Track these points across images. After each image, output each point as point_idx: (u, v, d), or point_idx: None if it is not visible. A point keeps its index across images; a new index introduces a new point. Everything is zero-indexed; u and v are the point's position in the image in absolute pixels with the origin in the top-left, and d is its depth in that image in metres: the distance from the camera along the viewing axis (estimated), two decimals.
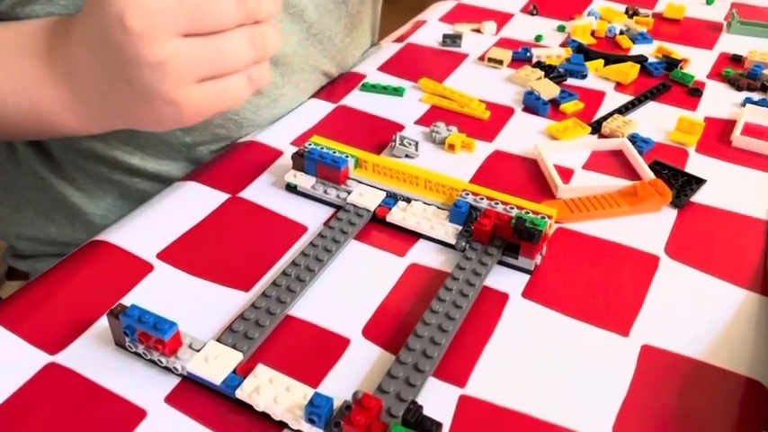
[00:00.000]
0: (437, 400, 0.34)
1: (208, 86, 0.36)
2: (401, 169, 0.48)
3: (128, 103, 0.37)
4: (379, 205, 0.46)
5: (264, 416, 0.33)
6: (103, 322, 0.37)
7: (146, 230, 0.45)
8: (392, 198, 0.47)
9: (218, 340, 0.36)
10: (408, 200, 0.47)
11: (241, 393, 0.33)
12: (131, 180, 0.55)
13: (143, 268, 0.42)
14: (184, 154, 0.55)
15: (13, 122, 0.42)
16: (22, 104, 0.40)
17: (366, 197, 0.47)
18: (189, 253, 0.43)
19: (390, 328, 0.38)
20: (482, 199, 0.44)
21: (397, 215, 0.45)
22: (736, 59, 0.68)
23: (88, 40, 0.36)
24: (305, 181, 0.48)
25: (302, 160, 0.48)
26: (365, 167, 0.49)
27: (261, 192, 0.49)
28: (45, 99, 0.40)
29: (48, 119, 0.41)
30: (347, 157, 0.48)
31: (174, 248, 0.44)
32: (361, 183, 0.48)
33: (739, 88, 0.62)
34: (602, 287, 0.41)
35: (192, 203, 0.48)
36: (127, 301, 0.39)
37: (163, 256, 0.43)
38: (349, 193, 0.47)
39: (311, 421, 0.32)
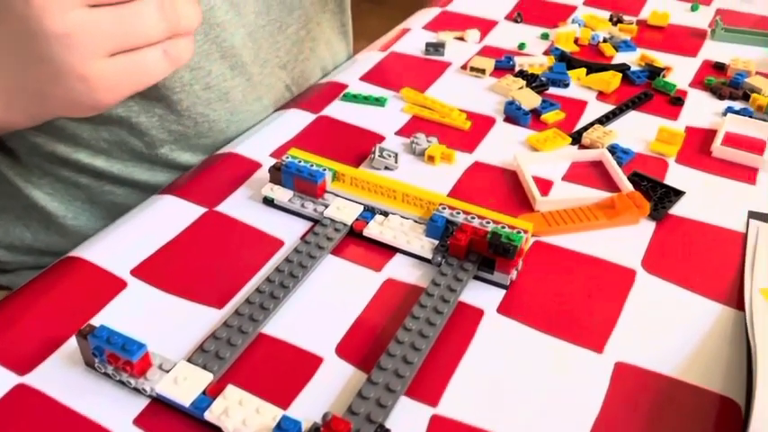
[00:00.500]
0: (408, 420, 0.34)
1: (120, 60, 0.35)
2: (379, 183, 0.47)
3: (43, 85, 0.36)
4: (357, 219, 0.46)
5: None
6: (74, 342, 0.37)
7: (120, 246, 0.45)
8: (370, 212, 0.47)
9: (189, 360, 0.35)
10: (386, 213, 0.47)
11: (210, 415, 0.33)
12: (99, 184, 0.55)
13: (116, 285, 0.42)
14: (147, 155, 0.54)
15: None
16: None
17: (343, 211, 0.46)
18: (163, 269, 0.43)
19: (364, 345, 0.38)
20: (458, 213, 0.44)
21: (374, 229, 0.45)
22: (719, 67, 0.68)
23: None
24: (282, 194, 0.48)
25: (279, 174, 0.48)
26: (343, 181, 0.49)
27: (238, 205, 0.49)
28: None
29: None
30: (324, 170, 0.48)
31: (149, 264, 0.43)
32: (338, 196, 0.48)
33: (721, 97, 0.62)
34: (577, 302, 0.41)
35: (168, 218, 0.47)
36: (99, 319, 0.39)
37: (137, 272, 0.43)
38: (326, 206, 0.47)
39: None
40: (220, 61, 0.55)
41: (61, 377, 0.36)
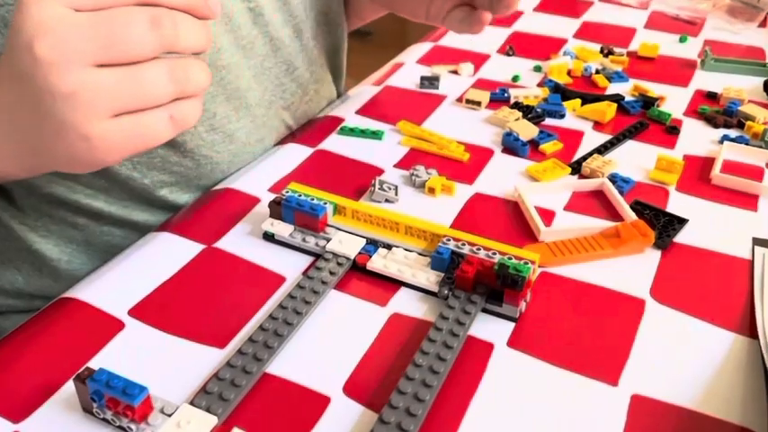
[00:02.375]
0: None
1: (124, 121, 0.34)
2: (381, 215, 0.47)
3: (43, 141, 0.35)
4: (360, 252, 0.45)
5: None
6: (71, 386, 0.36)
7: (117, 285, 0.43)
8: (372, 245, 0.46)
9: (192, 403, 0.34)
10: (389, 246, 0.46)
11: None
12: (97, 225, 0.54)
13: (113, 326, 0.40)
14: (147, 196, 0.53)
15: None
16: None
17: (346, 245, 0.46)
18: (162, 308, 0.42)
19: (373, 383, 0.37)
20: (464, 245, 0.44)
21: (377, 263, 0.44)
22: (712, 96, 0.68)
23: (4, 74, 0.34)
24: (282, 229, 0.47)
25: (279, 208, 0.47)
26: (344, 214, 0.48)
27: (237, 241, 0.48)
28: None
29: None
30: (325, 203, 0.47)
31: (146, 304, 0.42)
32: (340, 230, 0.47)
33: (716, 125, 0.63)
34: (588, 334, 0.40)
35: (165, 255, 0.46)
36: (96, 362, 0.38)
37: (134, 312, 0.41)
38: (328, 240, 0.46)
39: None
40: (225, 103, 0.54)
41: (58, 424, 0.34)
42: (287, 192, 0.48)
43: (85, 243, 0.55)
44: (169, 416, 0.33)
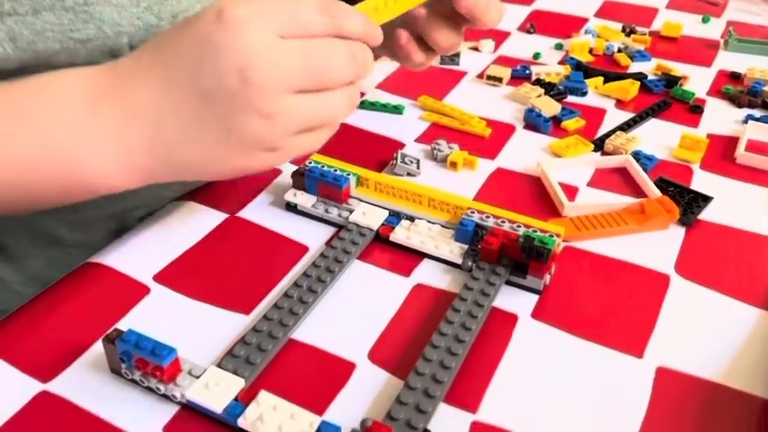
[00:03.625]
0: (448, 426, 0.33)
1: (305, 137, 0.38)
2: (404, 187, 0.47)
3: (214, 152, 0.37)
4: (382, 224, 0.45)
5: None
6: (98, 348, 0.36)
7: (142, 252, 0.44)
8: (395, 216, 0.46)
9: (219, 366, 0.34)
10: (412, 218, 0.46)
11: (244, 422, 0.32)
12: (59, 249, 0.51)
13: (139, 291, 0.40)
14: (115, 223, 0.51)
15: (36, 187, 0.37)
16: (53, 161, 0.36)
17: (369, 216, 0.46)
18: (186, 275, 0.42)
19: (397, 351, 0.37)
20: (488, 217, 0.43)
21: (400, 234, 0.44)
22: (735, 77, 0.67)
23: (179, 88, 0.35)
24: (305, 200, 0.47)
25: (303, 179, 0.47)
26: (367, 186, 0.48)
27: (260, 211, 0.48)
28: (86, 152, 0.36)
29: (82, 176, 0.37)
30: (348, 175, 0.47)
31: (171, 270, 0.42)
32: (362, 201, 0.47)
33: (740, 105, 0.62)
34: (613, 307, 0.40)
35: (189, 223, 0.46)
36: (122, 325, 0.38)
37: (159, 278, 0.41)
38: (351, 212, 0.46)
39: None
40: None
41: (86, 384, 0.34)
42: (310, 162, 0.48)
43: (46, 265, 0.51)
44: (197, 377, 0.33)
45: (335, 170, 0.47)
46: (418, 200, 0.46)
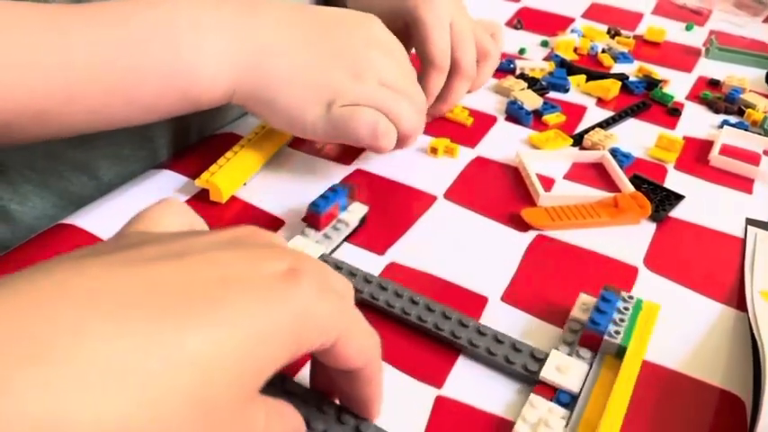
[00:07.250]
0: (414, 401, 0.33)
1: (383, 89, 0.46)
2: None
3: (308, 95, 0.44)
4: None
5: None
6: None
7: (116, 215, 0.43)
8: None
9: None
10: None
11: None
12: (80, 178, 0.50)
13: None
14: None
15: (149, 97, 0.41)
16: (176, 60, 0.40)
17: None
18: None
19: None
20: None
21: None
22: (714, 83, 0.69)
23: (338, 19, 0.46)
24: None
25: None
26: None
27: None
28: (205, 55, 0.41)
29: (196, 80, 0.41)
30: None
31: None
32: None
33: (717, 111, 0.63)
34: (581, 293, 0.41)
35: (164, 191, 0.46)
36: None
37: None
38: None
39: None
40: None
41: None
42: None
43: (59, 197, 0.50)
44: None
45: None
46: None
